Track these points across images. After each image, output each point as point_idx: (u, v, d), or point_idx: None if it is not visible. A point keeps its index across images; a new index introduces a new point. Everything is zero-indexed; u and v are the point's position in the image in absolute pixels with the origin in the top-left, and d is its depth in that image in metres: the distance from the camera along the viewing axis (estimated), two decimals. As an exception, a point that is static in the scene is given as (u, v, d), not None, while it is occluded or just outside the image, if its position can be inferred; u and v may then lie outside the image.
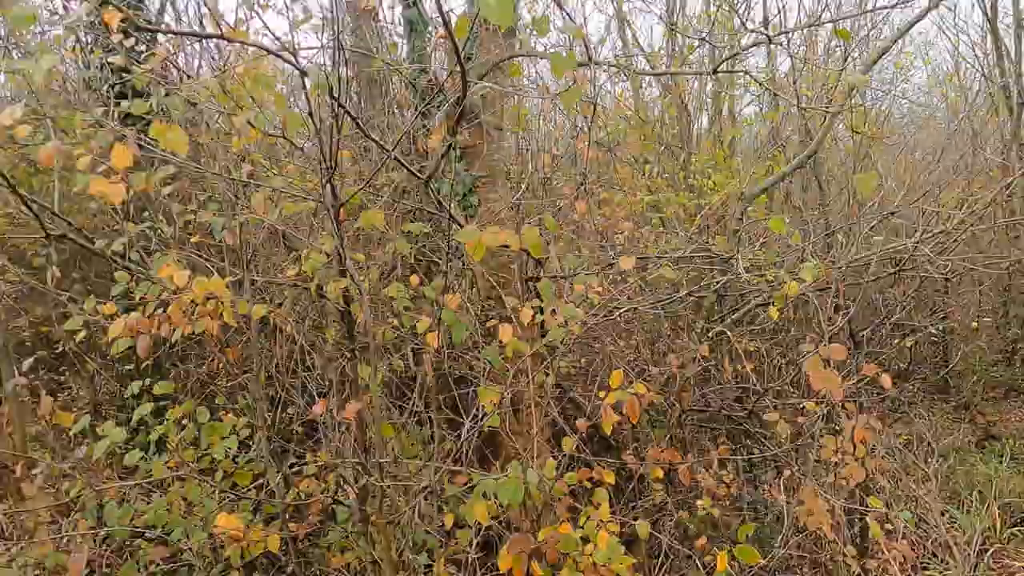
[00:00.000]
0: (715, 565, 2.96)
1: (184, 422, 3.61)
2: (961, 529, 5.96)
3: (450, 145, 2.70)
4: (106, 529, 3.35)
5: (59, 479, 3.70)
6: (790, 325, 4.93)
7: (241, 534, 3.02)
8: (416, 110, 4.37)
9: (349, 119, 2.67)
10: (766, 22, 8.71)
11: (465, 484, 3.20)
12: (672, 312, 4.74)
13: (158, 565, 3.68)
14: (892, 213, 5.36)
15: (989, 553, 5.99)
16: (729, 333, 4.09)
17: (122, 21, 2.37)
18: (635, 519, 3.09)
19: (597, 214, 5.60)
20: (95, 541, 3.99)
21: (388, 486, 2.88)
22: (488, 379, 3.49)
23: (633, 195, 6.25)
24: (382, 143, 2.66)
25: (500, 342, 2.83)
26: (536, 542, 2.78)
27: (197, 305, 3.23)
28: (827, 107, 4.56)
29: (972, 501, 6.54)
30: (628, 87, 9.29)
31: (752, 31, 3.44)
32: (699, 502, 3.41)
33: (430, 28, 5.22)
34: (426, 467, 2.98)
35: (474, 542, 3.09)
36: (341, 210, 2.89)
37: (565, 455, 3.27)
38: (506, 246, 2.59)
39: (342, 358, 3.28)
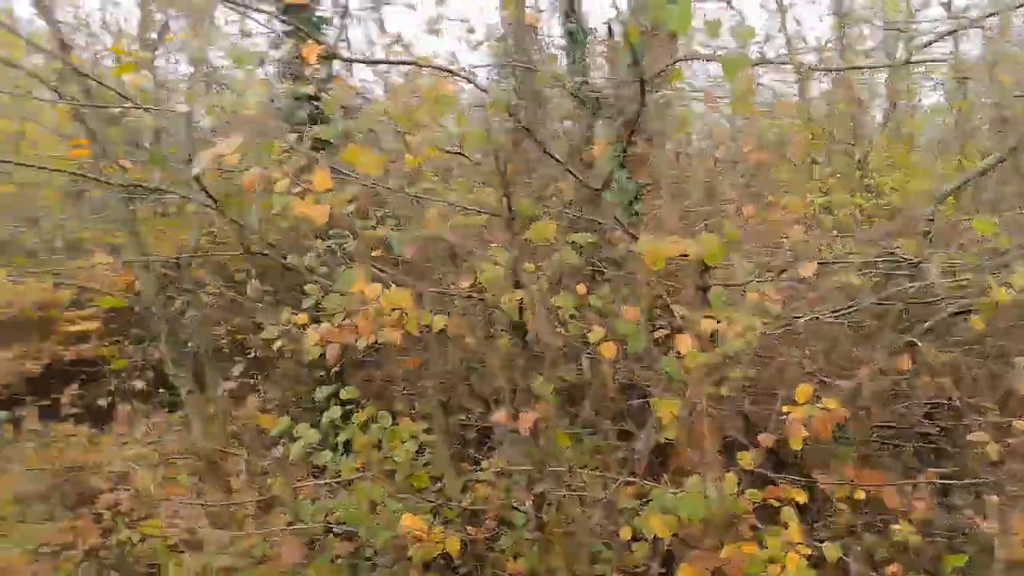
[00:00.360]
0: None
1: (368, 425, 3.82)
2: None
3: (622, 152, 2.69)
4: (303, 524, 3.62)
5: (258, 476, 4.06)
6: (991, 336, 4.47)
7: (424, 535, 3.15)
8: (580, 121, 4.40)
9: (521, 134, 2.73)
10: (948, 5, 7.99)
11: (640, 496, 3.17)
12: (854, 321, 4.44)
13: (344, 559, 3.93)
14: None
15: None
16: (920, 344, 3.77)
17: (322, 56, 2.57)
18: (821, 541, 2.92)
19: (762, 218, 5.37)
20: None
21: (565, 495, 2.90)
22: (660, 390, 3.42)
23: (801, 197, 5.94)
24: (556, 156, 2.70)
25: (678, 353, 2.77)
26: (719, 560, 2.70)
27: (382, 316, 3.42)
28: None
29: None
30: (790, 82, 8.86)
31: (951, 17, 3.16)
32: (895, 526, 3.16)
33: (590, 38, 5.24)
34: (600, 478, 2.98)
35: (651, 556, 3.04)
36: (515, 222, 2.96)
37: (743, 470, 3.14)
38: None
39: (515, 368, 3.34)
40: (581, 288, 3.88)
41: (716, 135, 7.17)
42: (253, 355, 7.22)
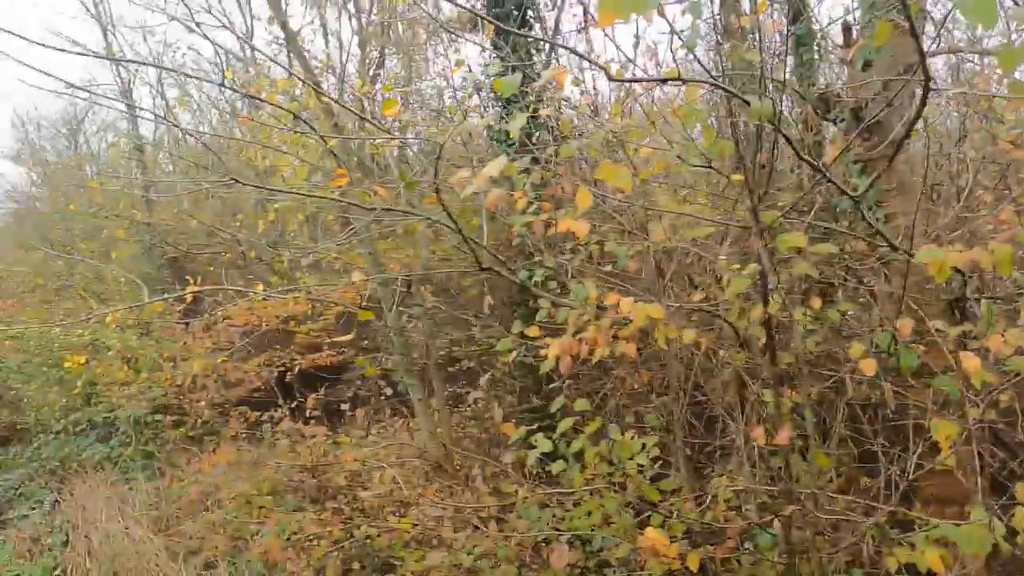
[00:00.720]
0: None
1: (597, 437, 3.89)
2: None
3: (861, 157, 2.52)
4: (538, 532, 3.74)
5: (492, 479, 4.26)
6: None
7: (665, 550, 3.13)
8: (807, 126, 4.20)
9: (780, 142, 2.66)
10: None
11: (897, 524, 2.95)
12: None
13: (574, 568, 4.00)
14: None
15: None
16: None
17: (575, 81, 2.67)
18: None
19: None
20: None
21: (822, 519, 2.76)
22: (931, 411, 3.16)
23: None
24: (816, 163, 2.59)
25: (964, 371, 2.55)
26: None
27: (617, 328, 3.47)
28: None
29: None
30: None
31: None
32: None
33: (817, 41, 5.00)
34: (865, 504, 2.80)
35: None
36: (764, 234, 2.89)
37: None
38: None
39: (762, 383, 3.25)
40: (816, 301, 3.70)
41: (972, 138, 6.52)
42: (469, 366, 7.62)
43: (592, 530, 3.89)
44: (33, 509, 7.97)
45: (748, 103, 2.35)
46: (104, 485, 7.66)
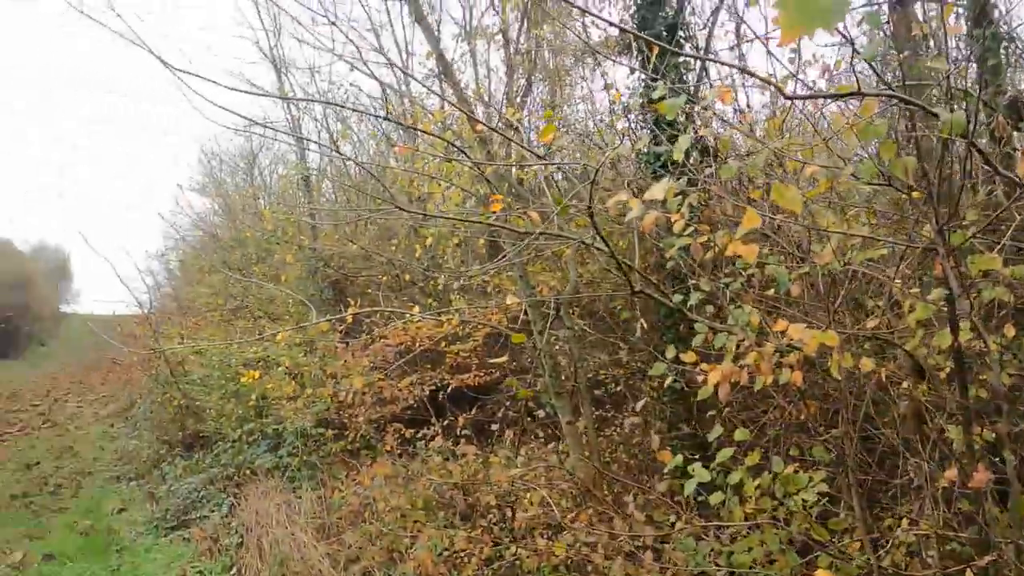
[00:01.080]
0: None
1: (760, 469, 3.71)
2: None
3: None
4: (696, 565, 3.61)
5: (645, 508, 4.17)
6: None
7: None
8: (1001, 136, 3.83)
9: (967, 155, 2.44)
10: None
11: None
12: None
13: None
14: None
15: None
16: None
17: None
18: None
19: None
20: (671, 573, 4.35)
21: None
22: None
23: None
24: (1015, 177, 2.35)
25: None
26: None
27: (781, 356, 3.31)
28: None
29: None
30: None
31: None
32: None
33: (1004, 44, 4.59)
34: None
35: None
36: (952, 255, 2.66)
37: None
38: None
39: (947, 417, 2.98)
40: (1011, 329, 3.36)
41: None
42: (616, 390, 7.52)
43: (752, 567, 3.70)
44: (213, 511, 8.70)
45: (937, 115, 2.18)
46: (274, 492, 8.23)
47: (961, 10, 4.43)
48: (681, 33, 6.80)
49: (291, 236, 12.30)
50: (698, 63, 6.94)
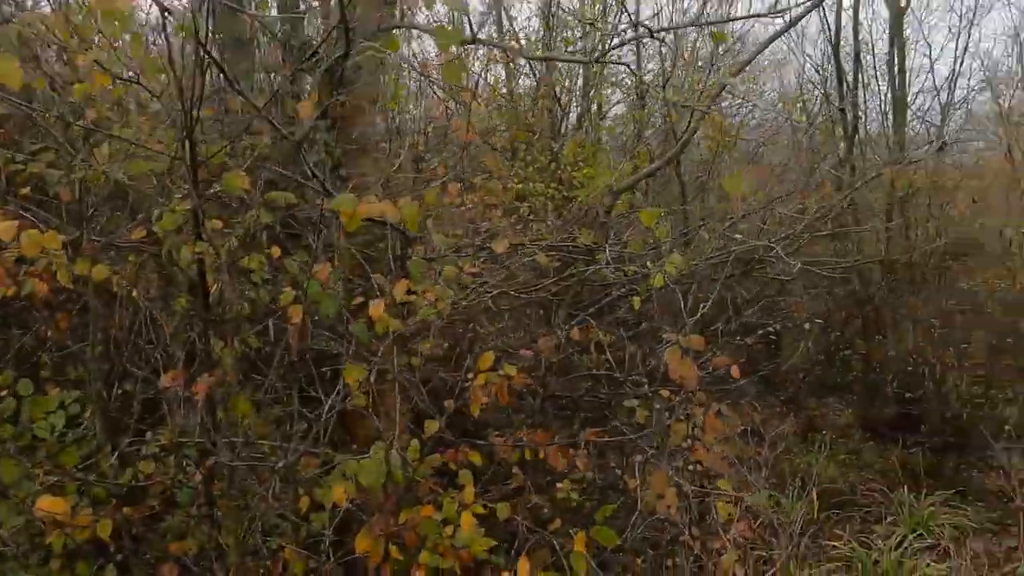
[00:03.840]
0: (570, 547, 3.02)
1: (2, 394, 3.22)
2: (785, 513, 6.45)
3: (325, 109, 2.54)
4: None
5: None
6: (649, 316, 5.14)
7: (67, 519, 2.73)
8: (287, 71, 4.13)
9: (213, 69, 2.46)
10: (636, 24, 8.99)
11: (323, 465, 3.07)
12: (540, 300, 4.79)
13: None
14: (744, 216, 5.71)
15: (807, 533, 6.56)
16: (592, 321, 4.19)
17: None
18: (494, 502, 3.09)
19: (469, 199, 5.57)
20: None
21: (237, 466, 2.70)
22: (352, 358, 3.35)
23: (504, 184, 6.27)
24: (251, 99, 2.47)
25: (369, 318, 2.72)
26: (396, 525, 2.71)
27: (25, 264, 2.88)
28: (693, 110, 4.78)
29: (795, 487, 7.13)
30: (502, 75, 9.34)
31: (635, 24, 3.52)
32: (559, 485, 3.47)
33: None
34: (281, 447, 2.83)
35: (330, 525, 2.96)
36: (200, 169, 2.67)
37: (428, 437, 3.21)
38: (377, 220, 2.50)
39: (192, 330, 3.04)
40: (276, 250, 3.67)
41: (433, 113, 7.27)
42: None
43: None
44: None
45: (169, 12, 2.09)
46: None
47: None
48: None
49: None
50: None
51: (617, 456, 5.60)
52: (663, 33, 3.93)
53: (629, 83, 6.34)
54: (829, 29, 9.86)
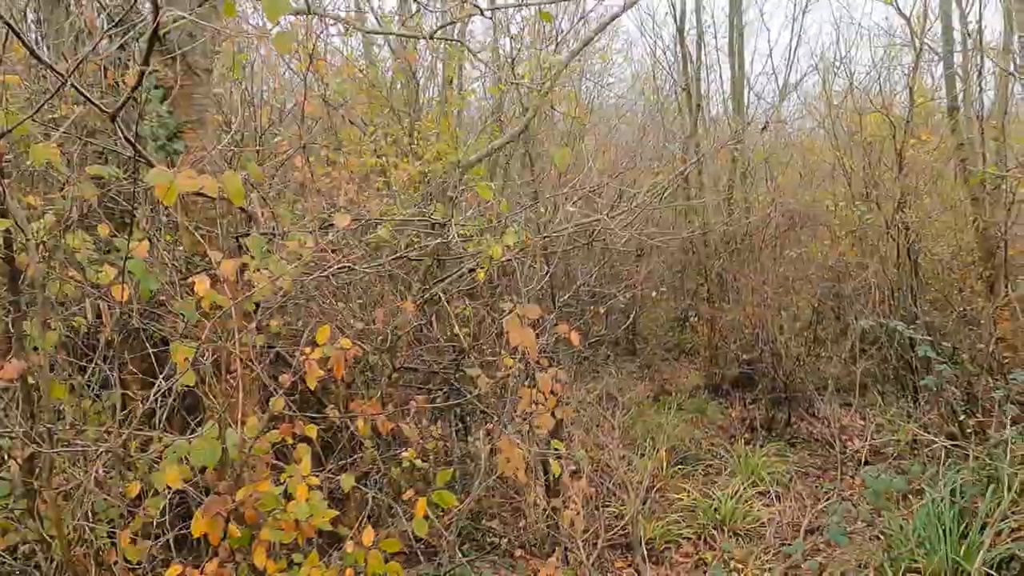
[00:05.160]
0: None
1: None
2: (636, 470, 6.87)
3: (140, 78, 2.43)
4: None
5: None
6: (500, 288, 5.28)
7: None
8: (104, 36, 3.89)
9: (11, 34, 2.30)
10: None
11: (157, 449, 2.99)
12: (392, 275, 4.82)
13: None
14: (593, 190, 5.96)
15: (656, 488, 7.02)
16: (443, 295, 4.28)
17: None
18: (340, 474, 3.13)
19: (322, 173, 5.48)
20: None
21: (59, 454, 2.58)
22: (188, 338, 3.26)
23: (359, 157, 6.20)
24: (55, 66, 2.33)
25: (197, 296, 2.66)
26: (234, 503, 2.69)
27: None
28: (540, 87, 4.92)
29: (646, 446, 7.60)
30: (360, 47, 9.17)
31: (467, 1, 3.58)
32: (403, 454, 3.54)
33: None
34: (109, 432, 2.72)
35: (166, 510, 2.90)
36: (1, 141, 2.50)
37: (270, 415, 3.18)
38: (206, 194, 2.44)
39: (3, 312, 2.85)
40: (104, 228, 3.49)
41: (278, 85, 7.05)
42: None
43: None
44: None
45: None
46: None
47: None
48: None
49: None
50: None
51: (478, 426, 5.77)
52: (492, 11, 4.01)
53: (473, 55, 6.38)
54: (675, 11, 10.37)
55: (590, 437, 7.04)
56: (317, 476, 2.79)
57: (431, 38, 3.90)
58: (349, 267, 3.66)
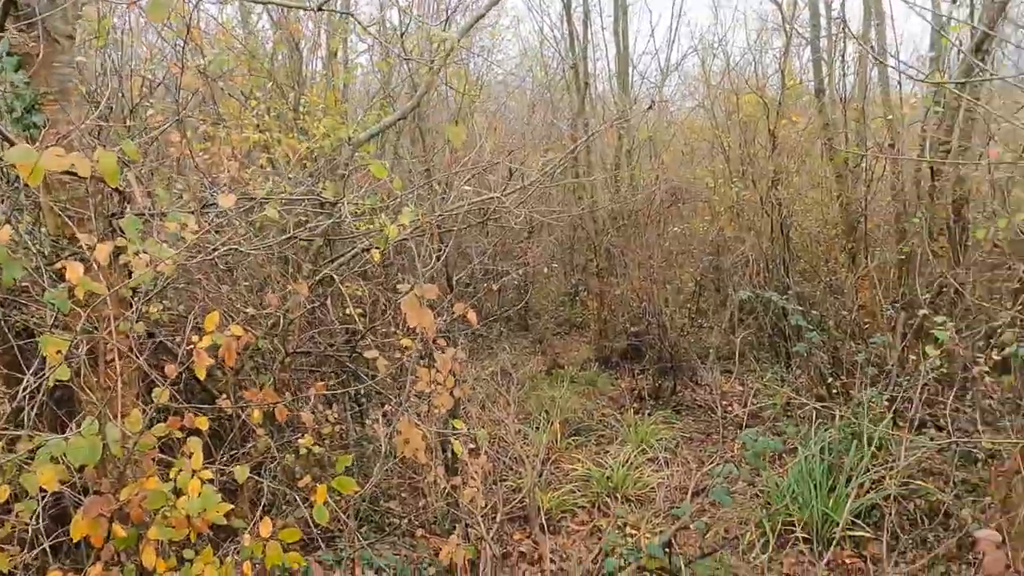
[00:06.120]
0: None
1: None
2: (532, 444, 7.01)
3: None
4: None
5: None
6: (396, 269, 5.20)
7: None
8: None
9: None
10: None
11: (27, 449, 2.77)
12: (282, 256, 4.65)
13: None
14: (486, 168, 5.95)
15: (551, 460, 7.20)
16: (336, 276, 4.16)
17: None
18: (233, 465, 3.01)
19: (200, 149, 5.18)
20: None
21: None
22: (59, 328, 3.02)
23: (240, 132, 5.91)
24: None
25: (69, 283, 2.46)
26: (118, 502, 2.54)
27: None
28: (430, 63, 4.84)
29: (541, 419, 7.76)
30: (238, 16, 8.70)
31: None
32: (300, 441, 3.45)
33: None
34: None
35: (40, 514, 2.70)
36: None
37: (156, 407, 3.01)
38: (75, 173, 2.25)
39: None
40: (-46, 210, 3.17)
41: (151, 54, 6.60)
42: None
43: None
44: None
45: None
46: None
47: None
48: None
49: None
50: None
51: (376, 407, 5.69)
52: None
53: (374, 32, 6.21)
54: (561, -12, 10.42)
55: (486, 413, 7.11)
56: (208, 468, 2.67)
57: (318, 10, 3.74)
58: (234, 248, 3.49)
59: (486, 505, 5.13)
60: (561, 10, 10.59)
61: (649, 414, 8.21)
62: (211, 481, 2.69)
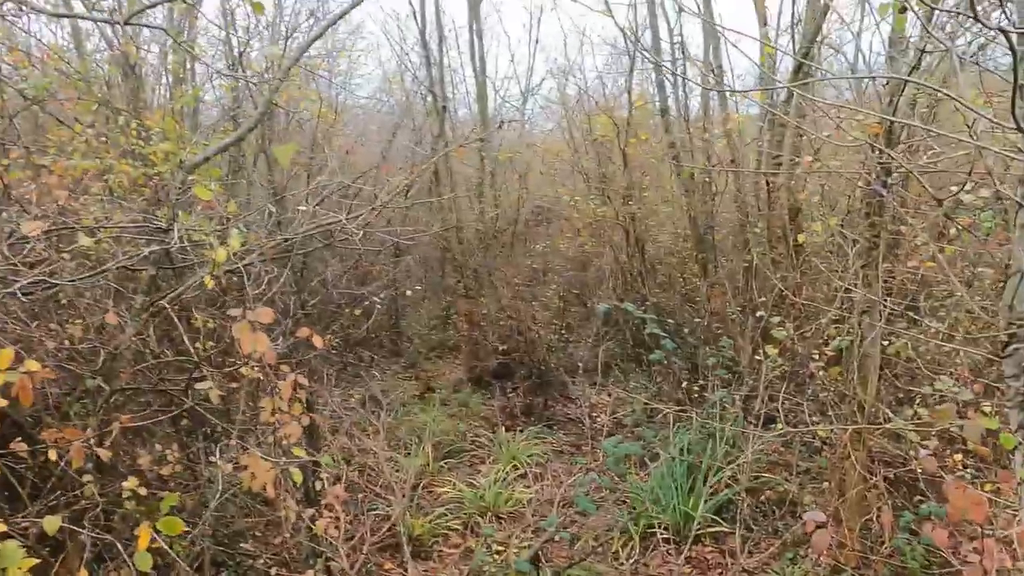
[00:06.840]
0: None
1: None
2: (403, 469, 6.86)
3: None
4: None
5: None
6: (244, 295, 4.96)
7: None
8: None
9: None
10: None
11: None
12: (109, 287, 4.35)
13: None
14: (339, 190, 5.84)
15: (423, 485, 7.07)
16: (168, 307, 3.92)
17: None
18: (42, 516, 2.74)
19: (22, 178, 4.79)
20: None
21: None
22: None
23: (67, 159, 5.50)
24: None
25: None
26: None
27: None
28: (269, 83, 4.69)
29: (413, 444, 7.63)
30: (70, 39, 8.17)
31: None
32: (124, 484, 3.19)
33: None
34: None
35: None
36: None
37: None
38: None
39: None
40: None
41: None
42: None
43: None
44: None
45: None
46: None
47: None
48: None
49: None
50: None
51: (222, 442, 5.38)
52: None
53: (179, 44, 5.93)
54: (416, 14, 10.45)
55: (354, 443, 6.91)
56: (8, 521, 2.42)
57: (125, 24, 3.53)
58: (43, 280, 3.21)
59: (352, 536, 4.96)
60: (417, 35, 10.63)
61: (522, 431, 8.25)
62: (10, 536, 2.43)
